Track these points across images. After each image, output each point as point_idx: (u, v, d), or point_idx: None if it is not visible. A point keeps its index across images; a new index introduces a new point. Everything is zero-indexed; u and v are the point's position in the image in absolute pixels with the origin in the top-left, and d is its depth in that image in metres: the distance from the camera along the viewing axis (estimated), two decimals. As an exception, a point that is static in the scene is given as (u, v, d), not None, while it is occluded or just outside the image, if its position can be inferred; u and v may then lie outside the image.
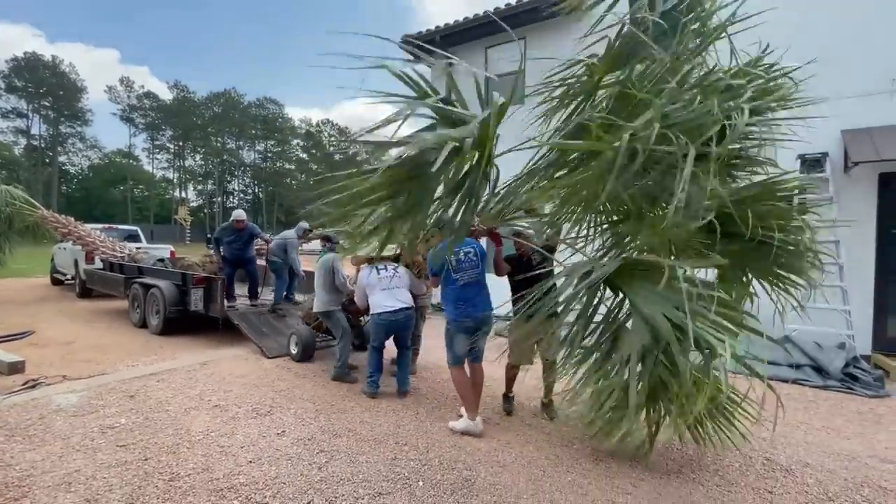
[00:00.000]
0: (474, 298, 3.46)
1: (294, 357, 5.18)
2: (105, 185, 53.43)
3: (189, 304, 6.29)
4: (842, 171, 5.91)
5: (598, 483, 2.74)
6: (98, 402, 3.75)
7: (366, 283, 4.12)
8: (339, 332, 4.61)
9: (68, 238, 9.37)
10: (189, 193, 62.39)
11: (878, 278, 5.67)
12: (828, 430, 3.67)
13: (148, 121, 56.65)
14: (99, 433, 3.18)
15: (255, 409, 3.71)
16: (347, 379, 4.52)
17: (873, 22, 5.78)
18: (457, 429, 3.41)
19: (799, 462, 3.09)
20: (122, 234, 11.96)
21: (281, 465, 2.81)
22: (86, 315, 8.08)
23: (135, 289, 7.14)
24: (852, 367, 4.92)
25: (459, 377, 3.50)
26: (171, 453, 2.93)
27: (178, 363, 4.99)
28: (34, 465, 2.74)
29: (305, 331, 5.24)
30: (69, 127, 52.26)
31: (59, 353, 5.44)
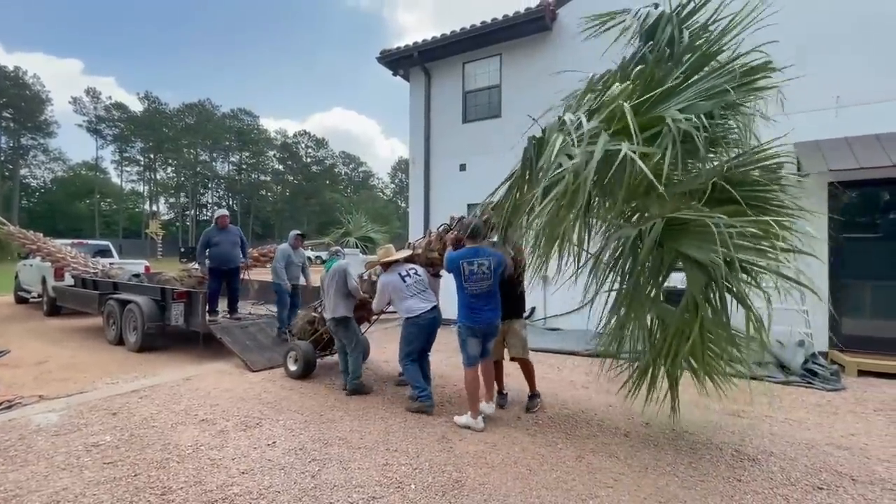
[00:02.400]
0: (483, 307, 3.66)
1: (293, 374, 4.96)
2: (70, 198, 51.43)
3: (169, 320, 6.20)
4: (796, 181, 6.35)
5: (581, 479, 2.89)
6: (80, 421, 3.68)
7: (392, 289, 4.06)
8: (352, 342, 4.51)
9: (37, 254, 9.07)
10: (161, 207, 60.71)
11: (831, 280, 6.09)
12: (790, 422, 3.94)
13: (116, 132, 55.04)
14: (84, 451, 3.14)
15: (244, 421, 3.72)
16: (363, 391, 4.44)
17: (819, 41, 6.29)
18: (459, 423, 3.69)
19: (765, 452, 3.32)
20: (92, 249, 11.61)
21: (274, 475, 2.85)
22: (56, 334, 7.81)
23: (110, 305, 6.98)
24: (811, 363, 5.27)
25: (473, 378, 3.72)
26: (161, 468, 2.93)
27: (160, 379, 4.92)
28: (19, 485, 2.70)
29: (306, 346, 4.99)
30: (31, 139, 50.26)
31: (31, 373, 5.28)
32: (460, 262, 3.63)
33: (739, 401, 4.48)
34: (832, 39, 6.22)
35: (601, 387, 4.98)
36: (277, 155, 66.56)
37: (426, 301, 4.03)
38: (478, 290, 3.62)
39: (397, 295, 4.04)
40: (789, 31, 6.37)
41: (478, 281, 3.61)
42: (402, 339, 4.08)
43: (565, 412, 4.12)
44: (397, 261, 4.20)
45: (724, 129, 3.39)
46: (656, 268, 3.03)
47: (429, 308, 4.01)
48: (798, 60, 6.26)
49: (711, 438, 3.56)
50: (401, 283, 4.03)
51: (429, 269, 4.40)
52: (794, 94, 6.25)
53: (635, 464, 3.11)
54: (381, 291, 4.13)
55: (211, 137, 59.10)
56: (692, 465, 3.11)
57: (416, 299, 4.01)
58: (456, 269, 3.65)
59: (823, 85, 6.20)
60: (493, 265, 3.62)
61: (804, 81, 6.23)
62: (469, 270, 3.60)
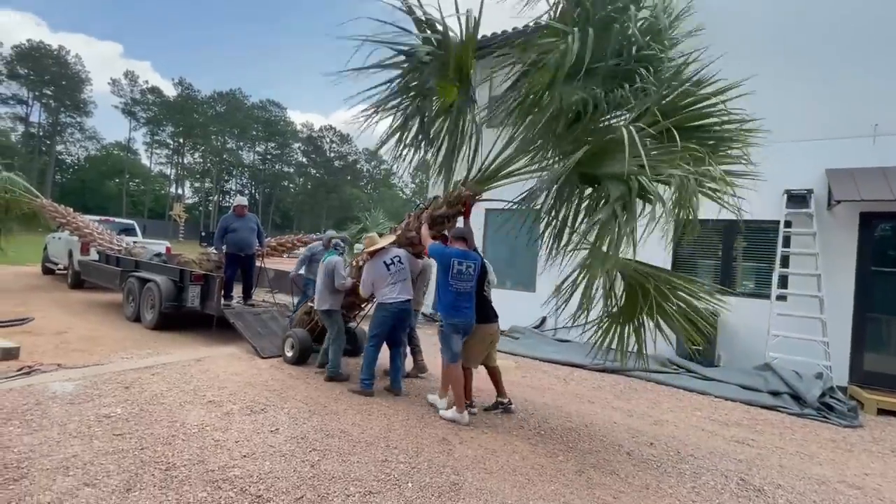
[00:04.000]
0: (466, 306, 3.92)
1: (288, 360, 5.21)
2: (101, 176, 53.13)
3: (185, 301, 6.34)
4: (825, 208, 6.18)
5: (579, 493, 2.85)
6: (94, 392, 3.80)
7: (376, 276, 4.34)
8: (334, 331, 4.77)
9: (66, 228, 9.38)
10: (186, 190, 62.25)
11: (856, 313, 5.89)
12: (801, 455, 3.82)
13: (149, 115, 56.69)
14: (95, 421, 3.24)
15: (250, 406, 3.78)
16: (340, 378, 4.67)
17: (859, 68, 6.10)
18: (446, 417, 3.82)
19: (772, 483, 3.22)
20: (118, 226, 11.95)
21: (275, 461, 2.89)
22: (78, 306, 8.07)
23: (130, 282, 7.17)
24: (828, 397, 5.10)
25: (457, 375, 3.89)
26: (167, 444, 2.99)
27: (173, 358, 5.04)
28: (32, 448, 2.79)
29: (302, 333, 5.26)
30: (69, 117, 52.20)
31: (52, 342, 5.46)
32: (452, 260, 3.87)
33: (746, 429, 4.38)
34: (872, 65, 6.03)
35: (607, 402, 4.92)
36: (302, 147, 67.63)
37: (402, 293, 4.31)
38: (462, 290, 3.88)
39: (379, 282, 4.31)
40: (823, 57, 6.22)
41: (464, 281, 3.89)
42: (371, 323, 4.41)
43: (568, 425, 4.08)
44: (384, 248, 4.43)
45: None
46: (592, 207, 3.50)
47: (402, 300, 4.28)
48: (835, 85, 6.12)
49: (717, 464, 3.47)
50: (385, 270, 4.30)
51: (409, 248, 4.62)
52: (829, 120, 6.13)
53: (636, 483, 3.06)
54: (366, 277, 4.40)
55: (239, 126, 60.43)
56: (695, 489, 3.04)
57: (393, 288, 4.28)
58: (447, 264, 3.87)
59: (861, 111, 6.03)
60: (476, 269, 3.96)
61: (839, 106, 6.09)
62: (458, 269, 3.87)
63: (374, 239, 4.57)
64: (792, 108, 6.41)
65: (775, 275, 6.13)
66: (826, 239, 6.06)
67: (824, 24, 6.34)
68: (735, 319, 6.50)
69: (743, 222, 6.61)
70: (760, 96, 6.60)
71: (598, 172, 3.28)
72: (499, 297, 8.11)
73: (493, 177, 4.19)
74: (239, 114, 60.64)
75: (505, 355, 6.72)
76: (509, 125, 3.96)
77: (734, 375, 5.81)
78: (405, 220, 4.84)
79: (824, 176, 6.11)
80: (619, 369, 6.14)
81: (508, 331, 7.89)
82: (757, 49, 6.70)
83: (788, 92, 6.45)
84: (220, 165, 61.71)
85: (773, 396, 5.25)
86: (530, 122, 3.82)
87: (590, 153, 3.22)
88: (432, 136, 4.29)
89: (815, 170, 6.20)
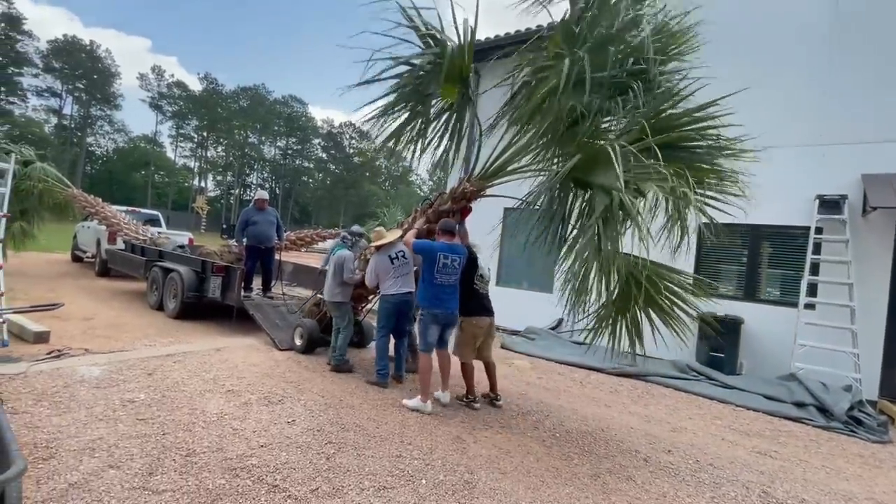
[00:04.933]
0: (448, 298, 4.06)
1: (298, 348, 5.32)
2: (128, 168, 54.65)
3: (207, 291, 6.48)
4: (860, 215, 5.95)
5: (595, 498, 2.81)
6: (118, 377, 3.91)
7: (381, 269, 4.50)
8: (343, 322, 4.90)
9: (95, 217, 9.68)
10: (208, 183, 63.59)
11: (889, 324, 5.66)
12: (827, 470, 3.69)
13: (175, 109, 58.06)
14: (120, 405, 3.33)
15: (267, 397, 3.84)
16: (345, 367, 4.81)
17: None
18: (409, 405, 3.93)
19: (795, 497, 3.12)
20: (144, 217, 12.28)
21: (291, 452, 2.92)
22: (104, 293, 8.33)
23: (154, 272, 7.36)
24: (857, 411, 4.92)
25: (427, 363, 4.06)
26: (187, 431, 3.06)
27: (194, 347, 5.15)
28: (60, 429, 2.89)
29: (311, 324, 5.39)
30: (99, 110, 53.82)
31: (79, 327, 5.65)
32: (438, 254, 3.98)
33: (768, 441, 4.25)
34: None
35: (624, 407, 4.84)
36: (322, 143, 68.31)
37: (404, 286, 4.47)
38: (446, 282, 4.02)
39: (383, 275, 4.48)
40: (861, 57, 5.97)
41: (448, 274, 4.02)
42: (377, 314, 4.62)
43: (584, 428, 4.02)
44: (391, 243, 4.53)
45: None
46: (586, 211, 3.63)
47: (403, 292, 4.45)
48: (872, 87, 5.87)
49: (738, 475, 3.38)
50: (389, 264, 4.45)
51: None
52: (865, 123, 5.89)
53: (653, 490, 3.00)
54: (372, 269, 4.57)
55: (261, 121, 61.35)
56: (714, 500, 2.97)
57: (396, 281, 4.45)
58: (432, 258, 3.98)
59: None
60: (461, 262, 4.09)
61: (876, 109, 5.84)
62: (443, 263, 3.99)
63: (382, 233, 4.65)
64: (826, 111, 6.19)
65: (804, 282, 5.93)
66: (860, 247, 5.83)
67: (859, 24, 6.09)
68: (759, 327, 6.32)
69: (769, 227, 6.48)
70: (791, 99, 6.42)
71: (589, 180, 3.47)
72: (515, 298, 8.16)
73: (496, 174, 4.33)
74: (261, 109, 61.57)
75: (520, 356, 6.68)
76: (512, 126, 4.12)
77: (757, 384, 5.65)
78: (413, 215, 4.99)
79: (859, 181, 5.87)
80: (636, 374, 6.04)
81: (524, 331, 7.84)
82: (790, 51, 6.49)
83: (822, 94, 6.23)
84: (242, 159, 62.80)
85: (797, 408, 5.08)
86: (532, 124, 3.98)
87: (583, 160, 3.40)
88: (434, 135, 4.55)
89: (849, 175, 5.96)
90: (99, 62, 51.58)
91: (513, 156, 4.25)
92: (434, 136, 4.56)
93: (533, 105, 3.75)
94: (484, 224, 5.37)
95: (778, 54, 6.54)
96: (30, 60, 46.36)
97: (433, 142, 4.57)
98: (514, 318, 7.90)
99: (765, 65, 6.53)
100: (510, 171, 4.30)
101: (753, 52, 6.62)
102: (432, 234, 4.41)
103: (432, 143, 4.57)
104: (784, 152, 6.36)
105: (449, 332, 4.22)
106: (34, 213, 9.84)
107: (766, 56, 6.58)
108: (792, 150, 6.31)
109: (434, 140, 4.57)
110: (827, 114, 6.19)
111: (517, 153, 4.21)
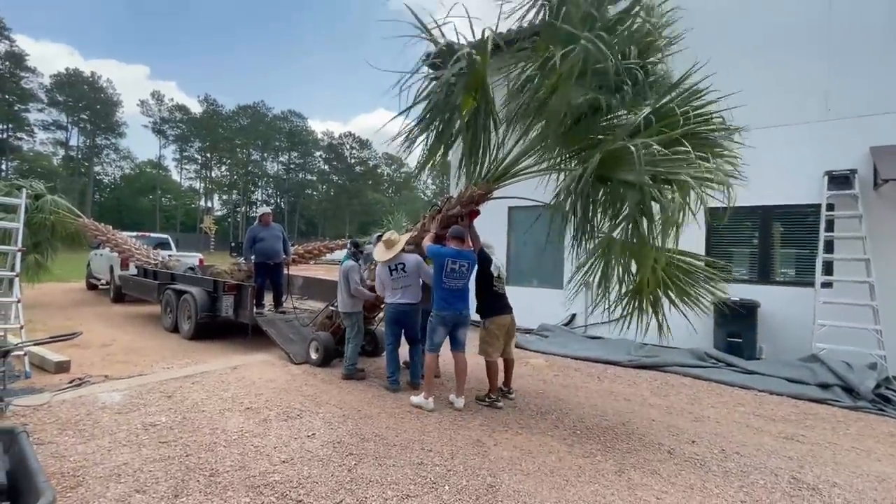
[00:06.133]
0: (457, 300, 4.18)
1: (314, 362, 5.35)
2: (135, 194, 55.54)
3: (220, 311, 6.54)
4: (871, 189, 5.84)
5: (620, 495, 2.77)
6: (139, 401, 3.95)
7: (383, 280, 4.68)
8: (353, 331, 4.99)
9: (106, 245, 9.84)
10: (214, 203, 64.31)
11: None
12: (857, 451, 3.61)
13: (177, 133, 58.91)
14: (142, 430, 3.37)
15: (286, 412, 3.86)
16: (357, 376, 4.91)
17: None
18: (413, 402, 4.12)
19: (827, 481, 3.06)
20: (154, 241, 12.47)
21: (313, 466, 2.93)
22: (120, 319, 8.45)
23: (167, 295, 7.46)
24: (884, 388, 4.81)
25: (432, 363, 4.23)
26: (210, 451, 3.09)
27: (210, 367, 5.20)
28: (86, 456, 2.93)
29: (325, 337, 5.42)
30: (104, 139, 54.82)
31: (98, 354, 5.73)
32: (446, 259, 4.10)
33: (795, 424, 4.18)
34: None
35: (644, 400, 4.79)
36: (323, 155, 68.85)
37: (404, 297, 4.59)
38: (454, 287, 4.13)
39: (385, 285, 4.65)
40: (860, 30, 5.88)
41: (456, 279, 4.13)
42: (384, 324, 4.79)
43: (605, 424, 3.98)
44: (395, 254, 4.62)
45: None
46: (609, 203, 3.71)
47: (400, 302, 4.57)
48: (874, 58, 5.77)
49: (765, 462, 3.32)
50: (388, 276, 4.59)
51: None
52: (871, 95, 5.79)
53: (680, 483, 2.95)
54: (378, 279, 4.76)
55: (263, 138, 62.04)
56: (743, 489, 2.91)
57: (395, 292, 4.59)
58: (441, 264, 4.10)
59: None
60: (470, 267, 4.21)
61: (881, 80, 5.74)
62: (451, 269, 4.10)
63: (392, 240, 4.68)
64: (829, 86, 6.10)
65: (819, 261, 5.82)
66: (874, 221, 5.72)
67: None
68: (776, 309, 6.22)
69: (779, 207, 6.38)
70: (791, 76, 6.34)
71: (612, 176, 3.51)
72: (527, 296, 8.12)
73: (503, 175, 4.36)
74: (262, 126, 62.27)
75: (535, 354, 6.64)
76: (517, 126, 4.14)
77: (778, 368, 5.56)
78: (420, 222, 5.00)
79: (868, 155, 5.76)
80: (654, 365, 5.97)
81: (538, 329, 7.79)
82: (787, 29, 6.41)
83: (824, 70, 6.14)
84: (246, 177, 63.49)
85: (822, 389, 4.98)
86: (537, 123, 4.02)
87: (602, 159, 3.43)
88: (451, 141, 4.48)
89: (858, 149, 5.86)
90: (101, 92, 52.57)
91: (519, 156, 4.27)
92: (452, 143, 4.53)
93: (538, 101, 3.76)
94: (490, 224, 5.37)
95: (777, 34, 6.46)
96: (35, 96, 47.46)
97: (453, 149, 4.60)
98: (527, 316, 7.83)
99: (765, 45, 6.47)
100: (517, 171, 4.32)
101: (753, 35, 6.55)
102: (442, 238, 4.44)
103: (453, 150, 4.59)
104: (789, 131, 6.28)
105: (461, 331, 4.27)
106: (48, 245, 10.02)
107: (766, 37, 6.51)
108: (797, 129, 6.23)
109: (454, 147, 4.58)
110: (830, 89, 6.10)
111: (523, 153, 4.23)
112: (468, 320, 4.31)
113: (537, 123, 4.01)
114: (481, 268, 4.36)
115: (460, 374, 4.24)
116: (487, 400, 4.27)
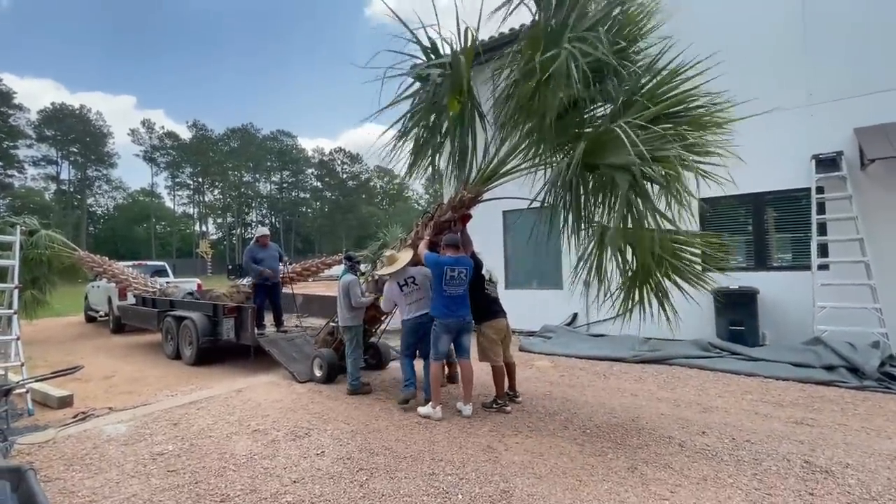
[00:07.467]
0: (459, 306, 4.18)
1: (318, 379, 5.32)
2: (129, 223, 55.47)
3: (221, 334, 6.52)
4: (858, 169, 5.90)
5: (634, 491, 2.76)
6: (145, 431, 3.92)
7: (393, 296, 4.64)
8: (351, 345, 4.99)
9: (103, 276, 9.78)
10: (209, 227, 64.28)
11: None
12: (867, 431, 3.62)
13: (168, 159, 59.01)
14: (150, 460, 3.34)
15: (293, 431, 3.83)
16: (363, 390, 4.89)
17: (885, 20, 5.85)
18: (420, 413, 4.13)
19: (839, 463, 3.06)
20: (151, 269, 12.42)
21: (324, 484, 2.91)
22: (121, 350, 8.39)
23: (167, 322, 7.42)
24: (889, 366, 4.83)
25: (437, 371, 4.27)
26: (219, 476, 3.06)
27: (215, 391, 5.16)
28: (94, 491, 2.90)
29: (328, 353, 5.41)
30: (96, 170, 54.86)
31: (101, 386, 5.69)
32: (444, 268, 4.10)
33: (803, 408, 4.18)
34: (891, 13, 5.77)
35: (651, 394, 4.78)
36: (315, 172, 69.02)
37: (418, 310, 4.53)
38: (454, 294, 4.14)
39: (397, 301, 4.63)
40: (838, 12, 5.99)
41: (456, 286, 4.13)
42: (401, 336, 4.73)
43: (614, 421, 3.98)
44: (402, 269, 4.59)
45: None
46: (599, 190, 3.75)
47: (416, 315, 4.52)
48: (853, 40, 5.87)
49: (776, 448, 3.32)
50: (399, 292, 4.57)
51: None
52: (851, 77, 5.88)
53: (693, 475, 2.95)
54: (387, 297, 4.72)
55: (253, 159, 62.20)
56: (756, 476, 2.91)
57: (409, 306, 4.55)
58: (440, 273, 4.10)
59: (883, 64, 5.77)
60: (468, 273, 4.19)
61: (860, 62, 5.83)
62: (450, 276, 4.11)
63: (394, 257, 4.67)
64: (810, 70, 6.19)
65: (813, 244, 5.87)
66: (864, 201, 5.78)
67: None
68: (775, 295, 6.25)
69: (770, 193, 6.44)
70: (770, 61, 6.44)
71: (599, 163, 3.51)
72: (526, 298, 8.13)
73: (491, 177, 4.39)
74: (252, 147, 62.47)
75: (540, 356, 6.63)
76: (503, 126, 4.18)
77: (782, 353, 5.57)
78: (413, 230, 5.01)
79: (853, 136, 5.84)
80: (659, 358, 5.97)
81: (540, 331, 7.79)
82: (768, 13, 6.51)
83: (804, 54, 6.24)
84: (240, 199, 63.55)
85: (827, 371, 5.00)
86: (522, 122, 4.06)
87: (588, 147, 3.44)
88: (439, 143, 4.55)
89: (842, 131, 5.93)
90: (90, 125, 52.72)
91: (506, 156, 4.30)
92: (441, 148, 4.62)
93: (522, 101, 3.80)
94: (485, 229, 5.40)
95: (755, 19, 6.57)
96: (23, 132, 47.53)
97: (443, 154, 4.66)
98: (529, 318, 7.86)
99: (744, 31, 6.56)
100: (505, 172, 4.34)
101: (731, 22, 6.66)
102: (436, 245, 4.44)
103: (443, 155, 4.66)
104: (773, 117, 6.34)
105: (465, 338, 4.27)
106: (45, 281, 9.97)
107: (744, 22, 6.62)
108: (781, 115, 6.30)
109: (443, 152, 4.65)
110: (811, 73, 6.19)
111: (510, 153, 4.26)
112: (471, 326, 4.30)
113: (522, 123, 4.05)
114: (474, 273, 4.36)
115: (466, 382, 4.24)
116: (495, 405, 4.26)
